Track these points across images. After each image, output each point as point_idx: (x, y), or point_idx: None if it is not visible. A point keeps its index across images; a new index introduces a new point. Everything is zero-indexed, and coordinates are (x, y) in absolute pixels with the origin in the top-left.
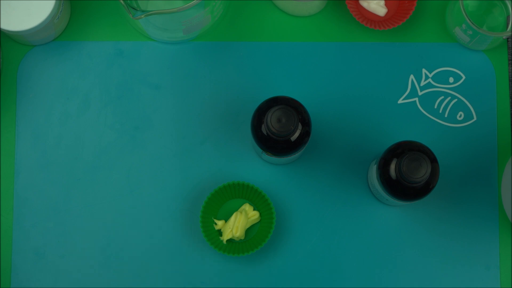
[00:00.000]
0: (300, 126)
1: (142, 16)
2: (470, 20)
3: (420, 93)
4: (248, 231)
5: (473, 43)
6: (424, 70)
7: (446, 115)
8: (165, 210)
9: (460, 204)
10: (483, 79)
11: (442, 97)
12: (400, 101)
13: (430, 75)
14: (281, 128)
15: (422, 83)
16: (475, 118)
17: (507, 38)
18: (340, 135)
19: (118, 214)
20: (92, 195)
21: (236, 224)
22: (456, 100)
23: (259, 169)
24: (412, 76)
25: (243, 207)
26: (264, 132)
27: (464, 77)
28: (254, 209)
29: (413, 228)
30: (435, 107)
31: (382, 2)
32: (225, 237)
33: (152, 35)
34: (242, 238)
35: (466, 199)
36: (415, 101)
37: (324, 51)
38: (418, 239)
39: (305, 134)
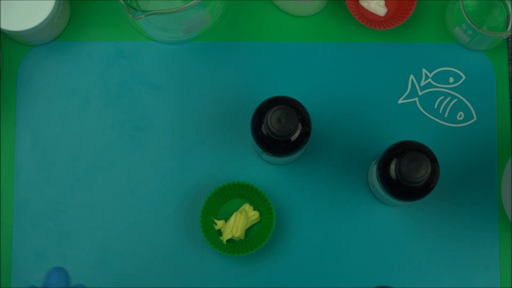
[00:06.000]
0: (300, 126)
1: (142, 16)
2: (470, 20)
3: (420, 93)
4: (248, 231)
5: (473, 43)
6: (424, 70)
7: (446, 115)
8: (165, 210)
9: (460, 204)
10: (483, 79)
11: (442, 97)
12: (400, 101)
13: (430, 75)
14: (281, 128)
15: (422, 83)
16: (475, 118)
17: (507, 38)
18: (340, 135)
19: (118, 214)
20: (92, 195)
21: (236, 224)
22: (456, 100)
23: (259, 169)
24: (412, 76)
25: (243, 207)
26: (264, 132)
27: (464, 77)
28: (254, 209)
29: (413, 228)
30: (435, 107)
31: (382, 2)
32: (225, 237)
33: (152, 35)
34: (242, 238)
35: (466, 199)
36: (415, 101)
37: (324, 51)
38: (418, 239)
39: (305, 134)
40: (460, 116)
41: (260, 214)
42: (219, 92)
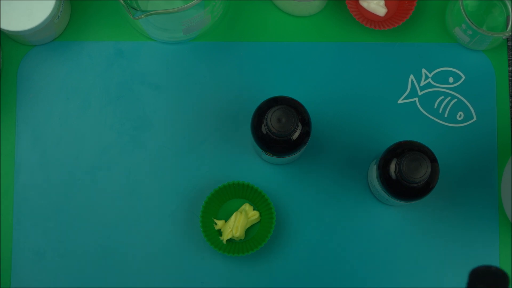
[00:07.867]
0: (300, 126)
1: (142, 16)
2: (470, 20)
3: (420, 93)
4: (248, 231)
5: (473, 43)
6: (424, 70)
7: (446, 115)
8: (165, 210)
9: (460, 204)
10: (483, 79)
11: (442, 97)
12: (400, 101)
13: (430, 75)
14: (281, 128)
15: (422, 83)
16: (475, 118)
17: (507, 38)
18: (340, 135)
19: (118, 214)
20: (92, 195)
21: (236, 224)
22: (456, 100)
23: (259, 169)
24: (412, 76)
25: (243, 207)
26: (264, 132)
27: (464, 77)
28: (254, 209)
29: (413, 228)
30: (435, 107)
31: (382, 2)
32: (225, 237)
33: (152, 35)
34: (242, 238)
35: (466, 199)
36: (415, 101)
37: (324, 51)
38: (418, 239)
39: (305, 134)
40: (460, 116)
41: (260, 214)
42: (219, 92)
